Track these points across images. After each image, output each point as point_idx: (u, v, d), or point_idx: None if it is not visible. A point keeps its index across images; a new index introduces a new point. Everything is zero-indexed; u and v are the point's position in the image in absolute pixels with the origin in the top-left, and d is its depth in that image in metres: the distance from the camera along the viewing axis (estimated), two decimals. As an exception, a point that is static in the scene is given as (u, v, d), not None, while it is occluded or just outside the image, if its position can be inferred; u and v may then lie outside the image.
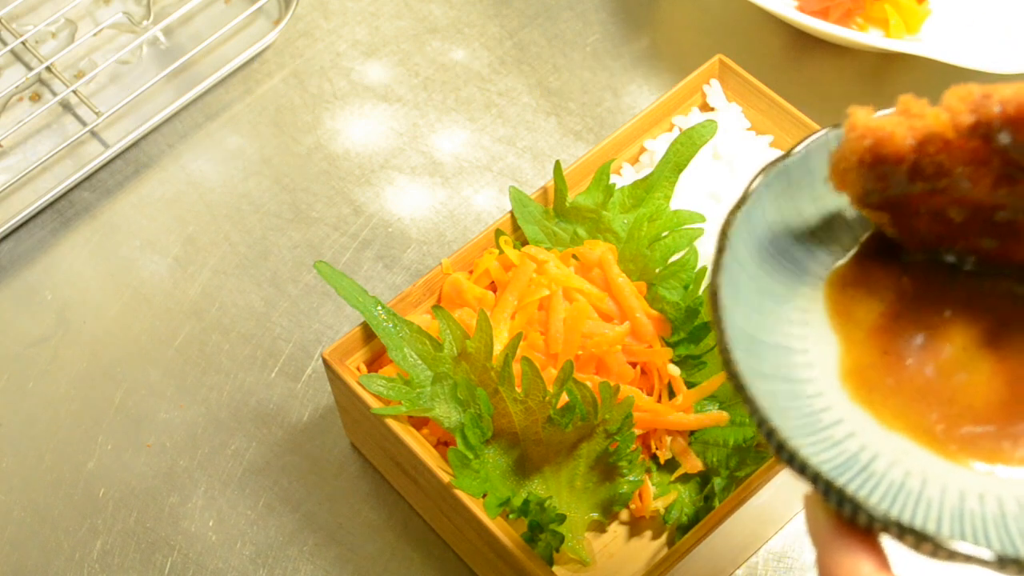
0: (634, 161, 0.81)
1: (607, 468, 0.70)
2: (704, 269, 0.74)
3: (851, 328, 0.53)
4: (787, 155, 0.54)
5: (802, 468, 0.46)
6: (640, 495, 0.72)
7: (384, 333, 0.69)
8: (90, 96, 0.92)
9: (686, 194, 0.77)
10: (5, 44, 0.94)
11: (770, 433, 0.47)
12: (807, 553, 0.75)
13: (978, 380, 0.51)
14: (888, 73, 0.93)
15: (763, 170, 0.54)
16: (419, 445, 0.68)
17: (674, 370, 0.72)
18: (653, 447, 0.72)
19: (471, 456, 0.67)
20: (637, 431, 0.71)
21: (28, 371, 0.82)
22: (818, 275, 0.55)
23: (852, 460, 0.49)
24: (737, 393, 0.49)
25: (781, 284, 0.54)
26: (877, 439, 0.50)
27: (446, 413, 0.69)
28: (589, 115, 0.92)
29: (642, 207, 0.75)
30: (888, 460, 0.49)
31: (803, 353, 0.52)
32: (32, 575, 0.75)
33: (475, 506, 0.66)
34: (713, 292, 0.50)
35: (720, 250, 0.51)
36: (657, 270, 0.74)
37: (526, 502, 0.67)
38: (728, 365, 0.49)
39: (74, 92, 0.91)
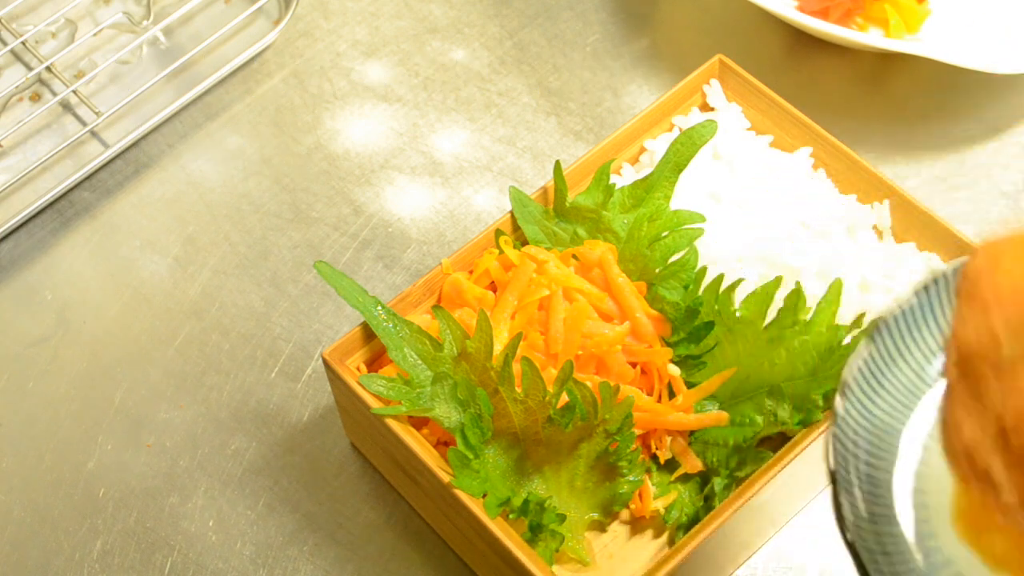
0: (634, 161, 0.81)
1: (607, 468, 0.70)
2: (704, 269, 0.74)
3: None
4: (898, 306, 0.56)
5: None
6: (640, 495, 0.72)
7: (384, 333, 0.69)
8: (90, 96, 0.92)
9: (686, 194, 0.77)
10: (5, 44, 0.94)
11: None
12: (807, 553, 0.75)
13: None
14: (888, 73, 0.93)
15: (884, 315, 0.56)
16: (419, 445, 0.68)
17: (674, 370, 0.72)
18: (653, 447, 0.72)
19: (471, 456, 0.67)
20: (637, 431, 0.71)
21: (28, 371, 0.82)
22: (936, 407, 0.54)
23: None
24: (844, 542, 0.51)
25: (904, 422, 0.55)
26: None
27: (446, 413, 0.69)
28: (589, 115, 0.92)
29: (642, 207, 0.75)
30: None
31: (920, 493, 0.53)
32: (32, 575, 0.75)
33: (475, 506, 0.66)
34: (831, 440, 0.52)
35: (836, 421, 0.53)
36: (657, 270, 0.74)
37: (526, 502, 0.67)
38: (840, 521, 0.50)
39: (74, 92, 0.91)
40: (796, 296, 0.71)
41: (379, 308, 0.70)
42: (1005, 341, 0.45)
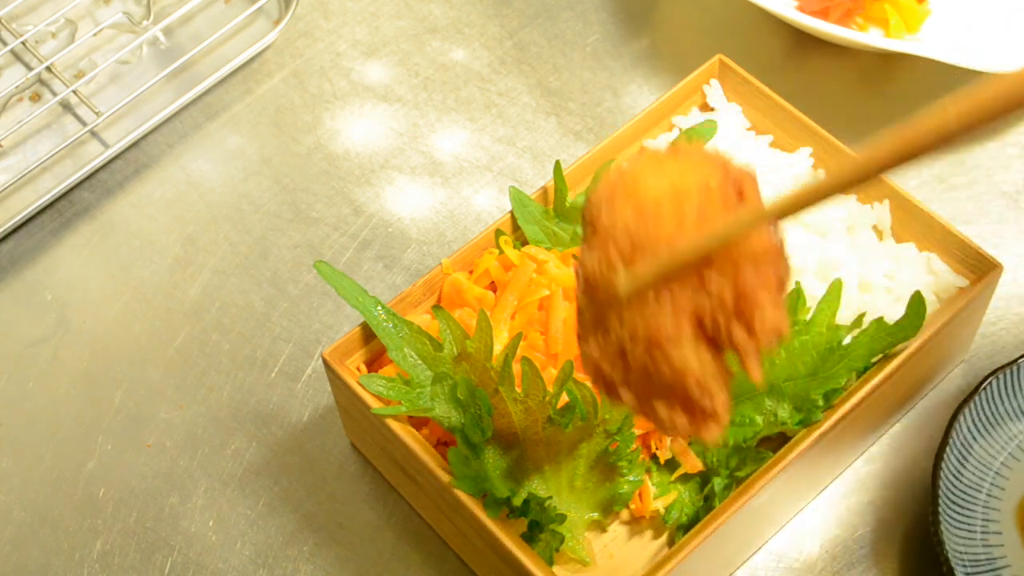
0: (634, 161, 0.81)
1: (607, 468, 0.70)
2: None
3: None
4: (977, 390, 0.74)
5: (942, 555, 0.69)
6: (640, 495, 0.72)
7: (384, 333, 0.69)
8: (90, 96, 0.92)
9: (686, 194, 0.77)
10: (5, 44, 0.94)
11: (936, 529, 0.69)
12: (807, 553, 0.75)
13: None
14: (888, 73, 0.93)
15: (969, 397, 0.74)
16: (419, 445, 0.68)
17: (674, 370, 0.72)
18: (653, 447, 0.72)
19: (471, 456, 0.67)
20: (637, 431, 0.71)
21: (28, 371, 0.82)
22: None
23: (989, 561, 0.71)
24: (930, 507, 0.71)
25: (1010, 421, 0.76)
26: (1017, 555, 0.72)
27: (446, 413, 0.69)
28: (589, 115, 0.92)
29: (642, 207, 0.75)
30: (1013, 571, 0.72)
31: (1005, 479, 0.75)
32: (32, 575, 0.75)
33: (475, 506, 0.66)
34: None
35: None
36: (657, 270, 0.74)
37: (526, 502, 0.67)
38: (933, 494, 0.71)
39: (74, 92, 0.91)
40: (796, 296, 0.71)
41: (379, 308, 0.70)
42: (620, 274, 0.51)
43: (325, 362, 0.71)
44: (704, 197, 0.51)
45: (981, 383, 0.74)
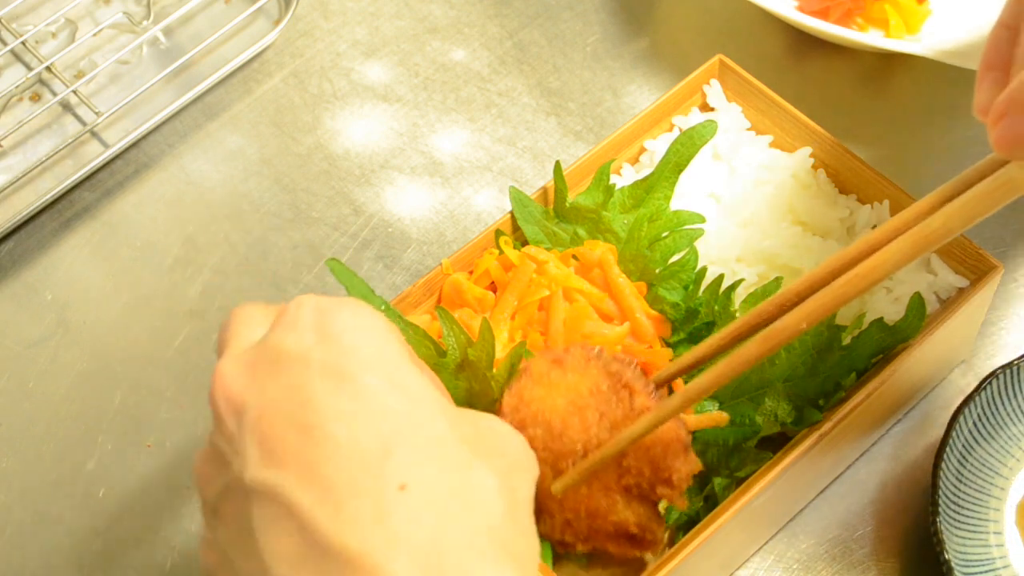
0: (634, 161, 0.81)
1: (607, 469, 0.70)
2: (704, 269, 0.74)
3: None
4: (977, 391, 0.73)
5: (942, 555, 0.69)
6: (640, 495, 0.72)
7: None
8: (90, 96, 0.92)
9: (686, 194, 0.77)
10: (5, 44, 0.94)
11: (936, 529, 0.69)
12: (807, 553, 0.75)
13: None
14: (888, 73, 0.93)
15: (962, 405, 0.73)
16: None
17: (674, 370, 0.72)
18: (653, 447, 0.72)
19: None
20: (637, 431, 0.71)
21: (28, 371, 0.82)
22: None
23: (989, 560, 0.71)
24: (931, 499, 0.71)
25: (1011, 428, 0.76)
26: (1017, 555, 0.73)
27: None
28: (589, 115, 0.92)
29: (642, 207, 0.75)
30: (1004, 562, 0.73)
31: (1005, 480, 0.75)
32: (32, 575, 0.75)
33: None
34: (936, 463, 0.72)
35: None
36: (657, 270, 0.74)
37: (526, 502, 0.67)
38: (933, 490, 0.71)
39: (74, 92, 0.91)
40: (796, 296, 0.71)
41: (385, 309, 0.70)
42: (550, 482, 0.61)
43: (325, 362, 0.70)
44: (599, 400, 0.61)
45: (981, 383, 0.74)
